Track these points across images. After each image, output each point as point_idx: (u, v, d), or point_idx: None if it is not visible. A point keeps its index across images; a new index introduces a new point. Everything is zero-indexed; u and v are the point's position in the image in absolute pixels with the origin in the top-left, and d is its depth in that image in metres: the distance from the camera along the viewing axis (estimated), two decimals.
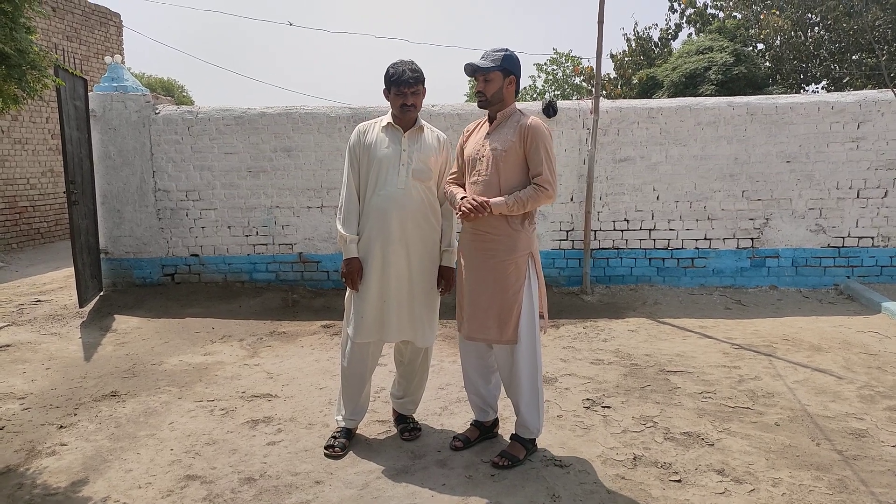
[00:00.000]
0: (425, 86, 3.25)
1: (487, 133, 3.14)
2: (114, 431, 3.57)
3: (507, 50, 3.08)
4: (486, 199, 3.00)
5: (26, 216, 10.27)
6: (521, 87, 3.41)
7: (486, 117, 3.21)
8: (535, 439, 3.24)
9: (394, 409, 3.60)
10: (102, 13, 12.37)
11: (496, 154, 3.05)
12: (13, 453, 3.33)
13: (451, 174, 3.32)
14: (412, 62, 3.19)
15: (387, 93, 3.21)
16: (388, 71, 3.17)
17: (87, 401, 4.02)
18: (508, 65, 3.05)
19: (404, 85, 3.13)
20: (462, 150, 3.28)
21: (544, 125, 3.06)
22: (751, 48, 14.82)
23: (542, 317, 3.17)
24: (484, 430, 3.37)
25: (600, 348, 4.93)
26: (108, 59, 7.06)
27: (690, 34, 16.53)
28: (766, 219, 6.57)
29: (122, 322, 5.79)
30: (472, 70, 3.10)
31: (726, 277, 6.67)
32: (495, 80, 3.06)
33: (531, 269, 3.09)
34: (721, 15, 16.21)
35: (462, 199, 3.07)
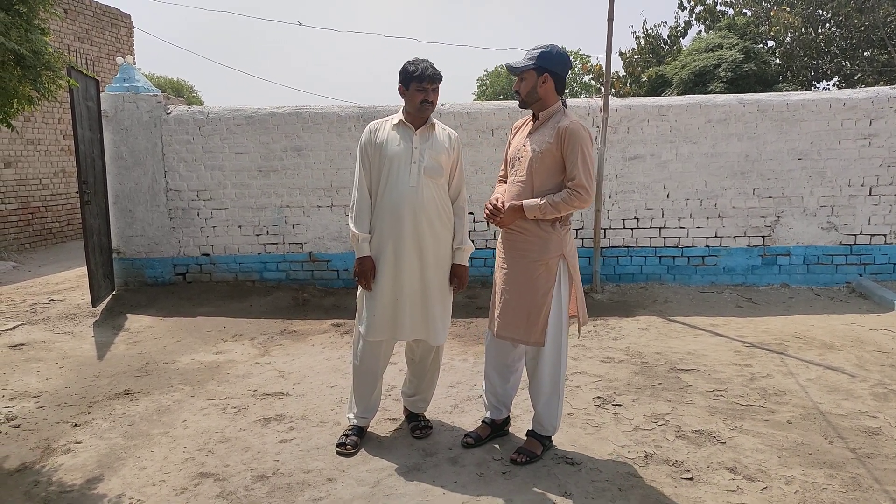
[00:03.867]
0: None
1: (530, 132, 3.13)
2: (127, 429, 3.60)
3: (548, 46, 3.03)
4: (500, 204, 3.04)
5: (39, 216, 10.35)
6: None
7: (532, 115, 3.19)
8: (551, 436, 3.25)
9: (405, 407, 3.61)
10: (113, 14, 12.45)
11: (532, 155, 3.02)
12: (29, 451, 3.37)
13: (500, 171, 3.37)
14: (430, 61, 3.19)
15: (403, 89, 3.19)
16: (407, 67, 3.16)
17: (100, 399, 4.05)
18: (543, 62, 3.00)
19: (427, 80, 3.13)
20: (508, 146, 3.29)
21: (584, 128, 2.99)
22: (761, 45, 14.75)
23: (574, 317, 3.16)
24: (496, 427, 3.38)
25: (611, 346, 4.93)
26: (119, 59, 7.12)
27: (700, 31, 16.47)
28: (778, 216, 6.54)
29: (135, 321, 5.83)
30: (510, 70, 3.12)
31: (737, 275, 6.65)
32: (528, 78, 3.04)
33: (562, 271, 3.05)
34: (731, 12, 16.14)
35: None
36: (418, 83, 3.13)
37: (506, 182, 3.26)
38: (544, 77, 3.02)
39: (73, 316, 5.97)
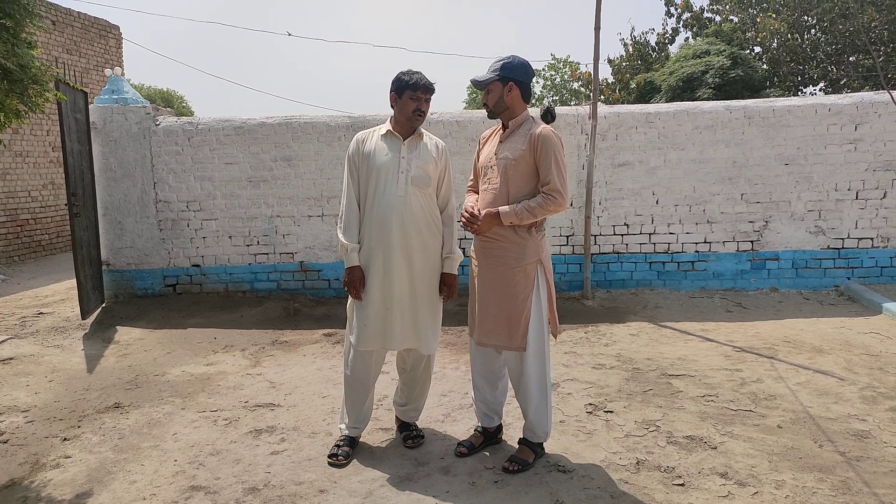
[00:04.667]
0: None
1: (500, 141, 3.16)
2: (117, 443, 3.58)
3: (509, 57, 3.09)
4: (478, 210, 3.05)
5: (28, 229, 10.29)
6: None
7: (501, 125, 3.23)
8: (542, 443, 3.25)
9: (397, 417, 3.60)
10: (101, 26, 12.43)
11: (506, 163, 3.05)
12: (17, 466, 3.34)
13: (469, 181, 3.39)
14: (423, 73, 3.22)
15: (396, 98, 3.21)
16: (401, 77, 3.19)
17: (90, 413, 4.03)
18: (506, 72, 3.06)
19: (421, 90, 3.16)
20: (477, 157, 3.31)
21: (555, 134, 3.04)
22: (748, 51, 14.87)
23: (550, 322, 3.18)
24: (488, 435, 3.38)
25: (602, 353, 4.94)
26: (107, 71, 7.10)
27: (687, 38, 16.59)
28: (766, 221, 6.59)
29: (125, 333, 5.80)
30: (475, 84, 3.17)
31: (727, 280, 6.68)
32: (494, 89, 3.08)
33: (540, 276, 3.09)
34: (717, 18, 16.28)
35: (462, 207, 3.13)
36: (412, 91, 3.15)
37: (475, 192, 3.30)
38: (510, 86, 3.08)
39: (62, 329, 5.94)
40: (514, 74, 3.07)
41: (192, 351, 5.30)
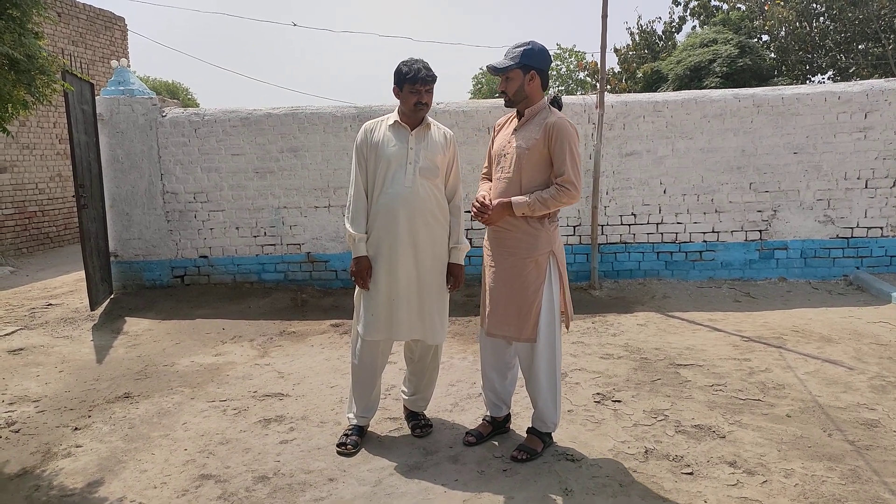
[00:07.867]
0: None
1: (515, 129, 3.12)
2: (128, 432, 3.61)
3: (528, 44, 3.02)
4: (488, 201, 3.03)
5: (36, 221, 10.33)
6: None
7: (516, 113, 3.18)
8: (551, 433, 3.26)
9: (405, 406, 3.61)
10: (107, 17, 12.43)
11: (519, 152, 3.01)
12: (29, 455, 3.37)
13: (483, 168, 3.36)
14: (424, 61, 3.19)
15: (398, 90, 3.19)
16: (401, 69, 3.16)
17: (100, 402, 4.05)
18: (527, 60, 2.98)
19: (421, 83, 3.13)
20: (492, 143, 3.28)
21: (571, 124, 2.99)
22: (755, 40, 14.76)
23: (563, 314, 3.17)
24: (496, 425, 3.39)
25: (610, 343, 4.93)
26: (114, 62, 7.11)
27: (694, 27, 16.49)
28: (774, 210, 6.55)
29: (133, 324, 5.83)
30: (492, 71, 3.08)
31: (735, 270, 6.66)
32: (515, 77, 3.01)
33: (552, 267, 3.06)
34: (725, 7, 16.16)
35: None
36: (411, 85, 3.13)
37: (489, 179, 3.27)
38: (531, 75, 3.01)
39: (71, 320, 5.97)
40: (534, 62, 3.00)
41: (200, 341, 5.32)
